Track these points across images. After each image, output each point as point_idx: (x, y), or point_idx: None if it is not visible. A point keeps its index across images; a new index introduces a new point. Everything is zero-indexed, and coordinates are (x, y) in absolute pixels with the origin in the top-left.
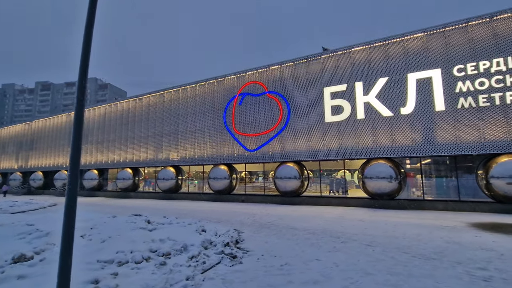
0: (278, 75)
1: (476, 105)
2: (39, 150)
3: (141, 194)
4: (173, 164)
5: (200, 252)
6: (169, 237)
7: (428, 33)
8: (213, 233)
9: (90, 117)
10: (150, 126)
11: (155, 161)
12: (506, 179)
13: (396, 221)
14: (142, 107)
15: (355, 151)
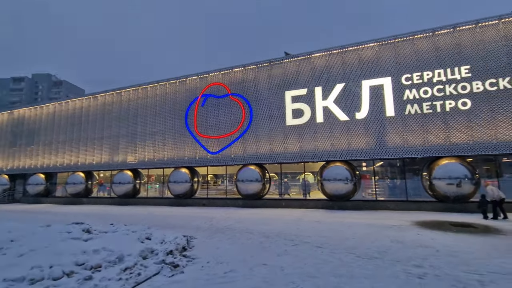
0: (241, 77)
1: (421, 111)
2: None
3: (94, 200)
4: (130, 168)
5: (136, 263)
6: (104, 248)
7: (380, 43)
8: (159, 241)
9: (37, 116)
10: (105, 127)
11: (111, 164)
12: (446, 180)
13: (350, 221)
14: (97, 106)
15: (314, 154)
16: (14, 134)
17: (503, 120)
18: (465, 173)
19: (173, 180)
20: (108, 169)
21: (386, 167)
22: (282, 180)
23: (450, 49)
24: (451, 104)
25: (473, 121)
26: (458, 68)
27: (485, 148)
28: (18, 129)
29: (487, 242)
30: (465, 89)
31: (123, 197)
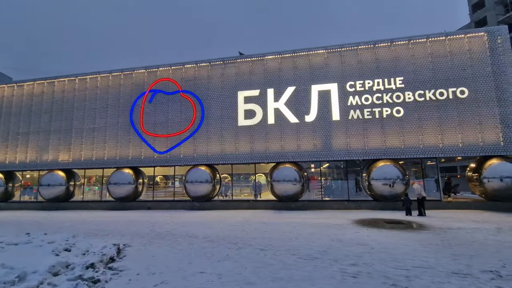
0: (193, 74)
1: (362, 117)
2: None
3: (16, 205)
4: (63, 168)
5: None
6: (3, 264)
7: (329, 51)
8: (80, 252)
9: None
10: (33, 121)
11: (38, 164)
12: (382, 181)
13: (296, 222)
14: (23, 97)
15: (265, 155)
16: None
17: (428, 127)
18: (397, 174)
19: (113, 182)
20: (34, 169)
21: (332, 168)
22: (233, 181)
23: (388, 61)
24: (387, 112)
25: (405, 127)
26: (394, 79)
27: (413, 152)
28: None
29: (413, 237)
30: (399, 98)
31: (53, 201)
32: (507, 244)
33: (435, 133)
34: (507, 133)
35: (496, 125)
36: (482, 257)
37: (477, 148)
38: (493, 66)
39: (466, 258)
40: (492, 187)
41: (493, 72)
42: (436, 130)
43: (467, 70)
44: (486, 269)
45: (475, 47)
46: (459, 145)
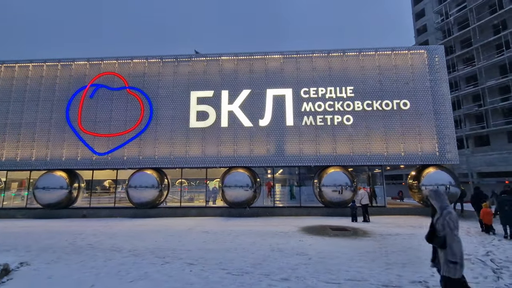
0: (142, 70)
1: (315, 123)
2: None
3: None
4: None
5: None
6: None
7: (285, 56)
8: None
9: None
10: None
11: None
12: (331, 187)
13: (242, 230)
14: None
15: (217, 159)
16: None
17: (375, 136)
18: (346, 181)
19: (41, 186)
20: None
21: (285, 174)
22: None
23: (340, 70)
24: (338, 119)
25: (354, 135)
26: (345, 87)
27: (361, 159)
28: None
29: (353, 245)
30: (349, 107)
31: None
32: None
33: (381, 142)
34: (441, 144)
35: (432, 136)
36: (414, 265)
37: (417, 157)
38: (431, 82)
39: (398, 267)
40: None
41: (431, 87)
42: (381, 139)
43: (409, 83)
44: (415, 279)
45: (417, 63)
46: (401, 154)
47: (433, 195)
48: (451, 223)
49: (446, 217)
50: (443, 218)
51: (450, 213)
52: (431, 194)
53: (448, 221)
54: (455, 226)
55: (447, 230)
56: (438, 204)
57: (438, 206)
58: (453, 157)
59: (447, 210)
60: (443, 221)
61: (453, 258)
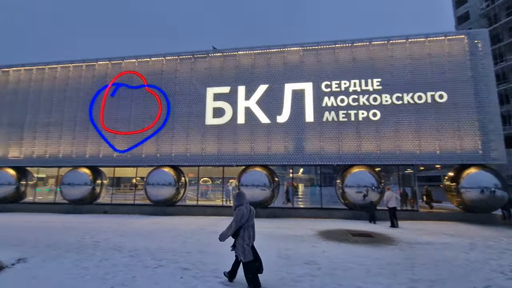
0: (160, 68)
1: (337, 119)
2: None
3: None
4: (12, 165)
5: None
6: None
7: (305, 48)
8: None
9: None
10: None
11: None
12: (355, 188)
13: None
14: None
15: (234, 157)
16: None
17: (406, 133)
18: (372, 182)
19: (67, 182)
20: None
21: (305, 173)
22: (198, 184)
23: (365, 62)
24: (363, 114)
25: (381, 132)
26: (371, 80)
27: (390, 158)
28: None
29: (374, 254)
30: (376, 101)
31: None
32: (478, 265)
33: (412, 138)
34: (485, 141)
35: (474, 132)
36: (445, 283)
37: (455, 156)
38: (473, 71)
39: (425, 285)
40: (469, 197)
41: (473, 77)
42: (413, 136)
43: (446, 73)
44: None
45: (455, 50)
46: (437, 152)
47: (235, 196)
48: (236, 216)
49: (236, 212)
50: (235, 214)
51: (239, 209)
52: (234, 195)
53: (236, 214)
54: (244, 218)
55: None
56: (235, 203)
57: (234, 205)
58: (499, 156)
59: (238, 208)
60: (235, 217)
61: (247, 243)
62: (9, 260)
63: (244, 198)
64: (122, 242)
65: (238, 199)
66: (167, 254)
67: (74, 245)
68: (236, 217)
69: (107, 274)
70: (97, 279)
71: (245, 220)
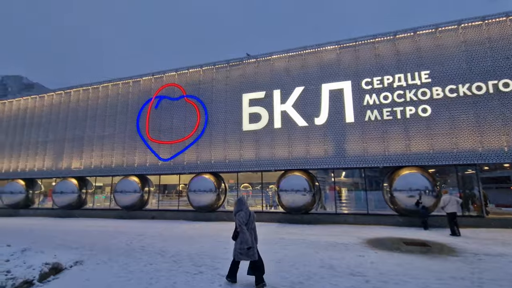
0: (197, 78)
1: (381, 118)
2: None
3: (33, 211)
4: (75, 175)
5: None
6: None
7: (341, 46)
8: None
9: None
10: (51, 130)
11: (54, 171)
12: (406, 192)
13: (294, 238)
14: (43, 107)
15: (271, 162)
16: None
17: (464, 128)
18: (425, 185)
19: (119, 190)
20: (50, 177)
21: (348, 177)
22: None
23: (411, 53)
24: (411, 111)
25: (434, 129)
26: (418, 73)
27: (445, 158)
28: None
29: (432, 266)
30: (425, 95)
31: (66, 208)
32: None
33: (472, 135)
34: None
35: None
36: None
37: None
38: None
39: None
40: None
41: None
42: (473, 132)
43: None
44: None
45: None
46: (504, 149)
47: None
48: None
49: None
50: (236, 219)
51: (239, 214)
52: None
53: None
54: (242, 221)
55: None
56: (235, 209)
57: (235, 210)
58: None
59: (238, 213)
60: (238, 221)
61: (246, 245)
62: (68, 262)
63: (244, 204)
64: (166, 247)
65: (238, 205)
66: (206, 260)
67: (123, 249)
68: (240, 220)
69: (151, 279)
70: (141, 284)
71: (245, 223)
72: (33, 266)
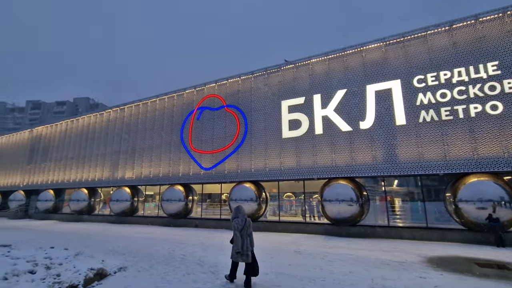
0: (236, 88)
1: (439, 118)
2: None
3: (95, 217)
4: (128, 184)
5: None
6: None
7: (387, 43)
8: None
9: (51, 133)
10: (108, 143)
11: (110, 181)
12: (476, 203)
13: (340, 253)
14: (102, 123)
15: (313, 170)
16: (32, 151)
17: None
18: (500, 195)
19: (166, 198)
20: (107, 186)
21: (402, 186)
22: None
23: (472, 43)
24: (477, 109)
25: (508, 128)
26: (484, 64)
27: None
28: (35, 147)
29: None
30: (494, 90)
31: (120, 215)
32: None
33: None
34: None
35: None
36: None
37: None
38: None
39: None
40: None
41: None
42: None
43: None
44: None
45: None
46: None
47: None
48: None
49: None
50: (232, 226)
51: (235, 221)
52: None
53: (233, 225)
54: (236, 227)
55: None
56: (232, 216)
57: (232, 217)
58: None
59: (235, 220)
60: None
61: (236, 249)
62: (113, 268)
63: (240, 212)
64: (205, 256)
65: (235, 212)
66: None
67: (164, 257)
68: (235, 226)
69: None
70: None
71: (241, 229)
72: (80, 271)
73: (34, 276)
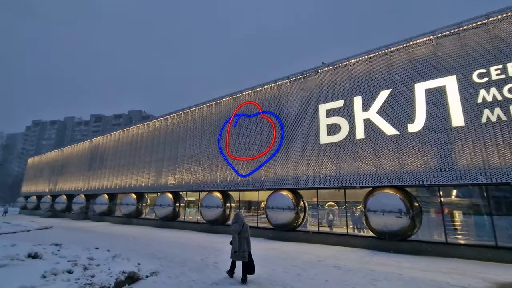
0: (272, 93)
1: (508, 117)
2: (66, 174)
3: (142, 221)
4: (171, 190)
5: None
6: None
7: (438, 36)
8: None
9: (107, 143)
10: (154, 151)
11: (155, 187)
12: None
13: (386, 272)
14: (149, 132)
15: (355, 177)
16: (91, 159)
17: None
18: None
19: (204, 205)
20: (152, 191)
21: (464, 197)
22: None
23: None
24: None
25: None
26: None
27: None
28: (94, 155)
29: None
30: None
31: (164, 219)
32: None
33: None
34: None
35: None
36: None
37: None
38: None
39: None
40: None
41: None
42: None
43: None
44: None
45: None
46: None
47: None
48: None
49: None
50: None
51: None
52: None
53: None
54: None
55: None
56: (232, 221)
57: (232, 222)
58: None
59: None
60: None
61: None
62: (146, 272)
63: (239, 218)
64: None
65: (234, 218)
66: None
67: (197, 264)
68: (233, 230)
69: None
70: None
71: (238, 232)
72: (112, 273)
73: (70, 276)
